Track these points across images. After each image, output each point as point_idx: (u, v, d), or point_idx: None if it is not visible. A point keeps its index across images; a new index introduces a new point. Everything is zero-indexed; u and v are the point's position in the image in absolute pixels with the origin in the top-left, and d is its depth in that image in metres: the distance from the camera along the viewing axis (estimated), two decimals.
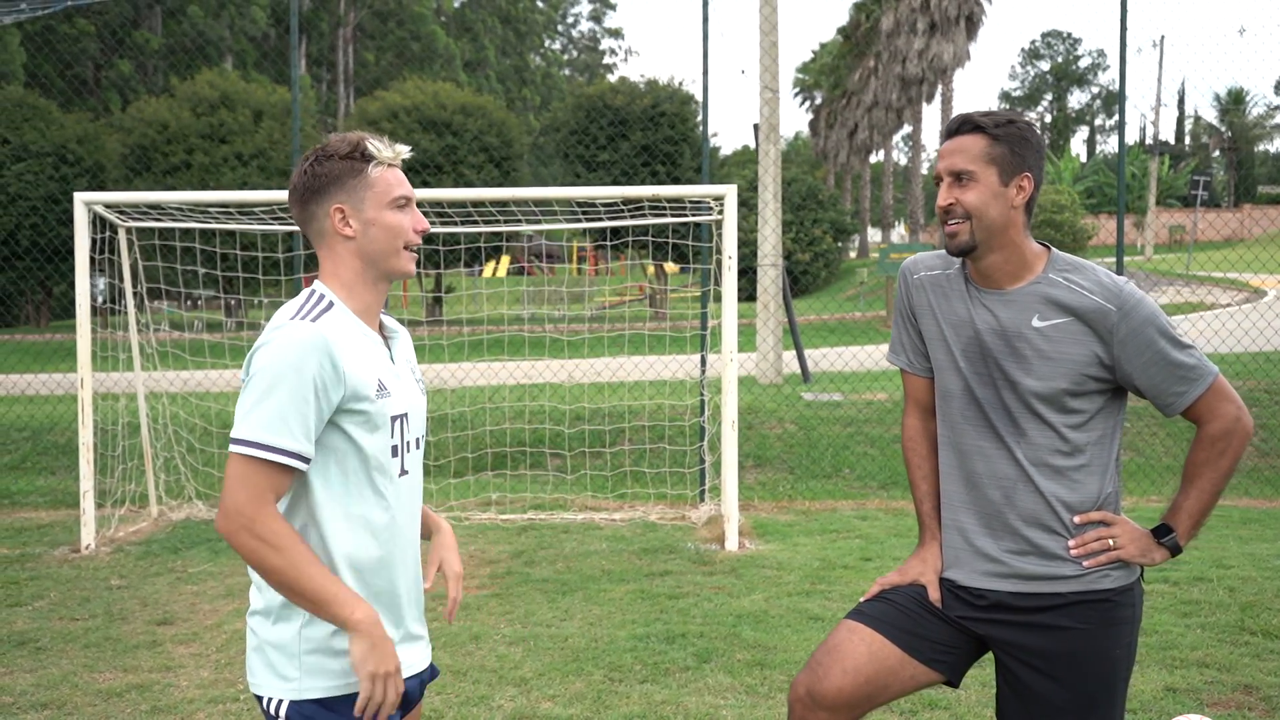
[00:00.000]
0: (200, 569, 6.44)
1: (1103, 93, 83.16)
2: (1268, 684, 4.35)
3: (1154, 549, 2.40)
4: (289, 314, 2.02)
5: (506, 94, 59.30)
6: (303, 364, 1.94)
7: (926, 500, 2.56)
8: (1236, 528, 7.31)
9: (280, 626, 2.05)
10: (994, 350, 2.37)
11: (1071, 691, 2.35)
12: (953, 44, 37.04)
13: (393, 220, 2.10)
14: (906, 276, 2.54)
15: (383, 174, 2.09)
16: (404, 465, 2.12)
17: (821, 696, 2.37)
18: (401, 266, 2.12)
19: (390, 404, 2.07)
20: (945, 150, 2.37)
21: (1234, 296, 23.31)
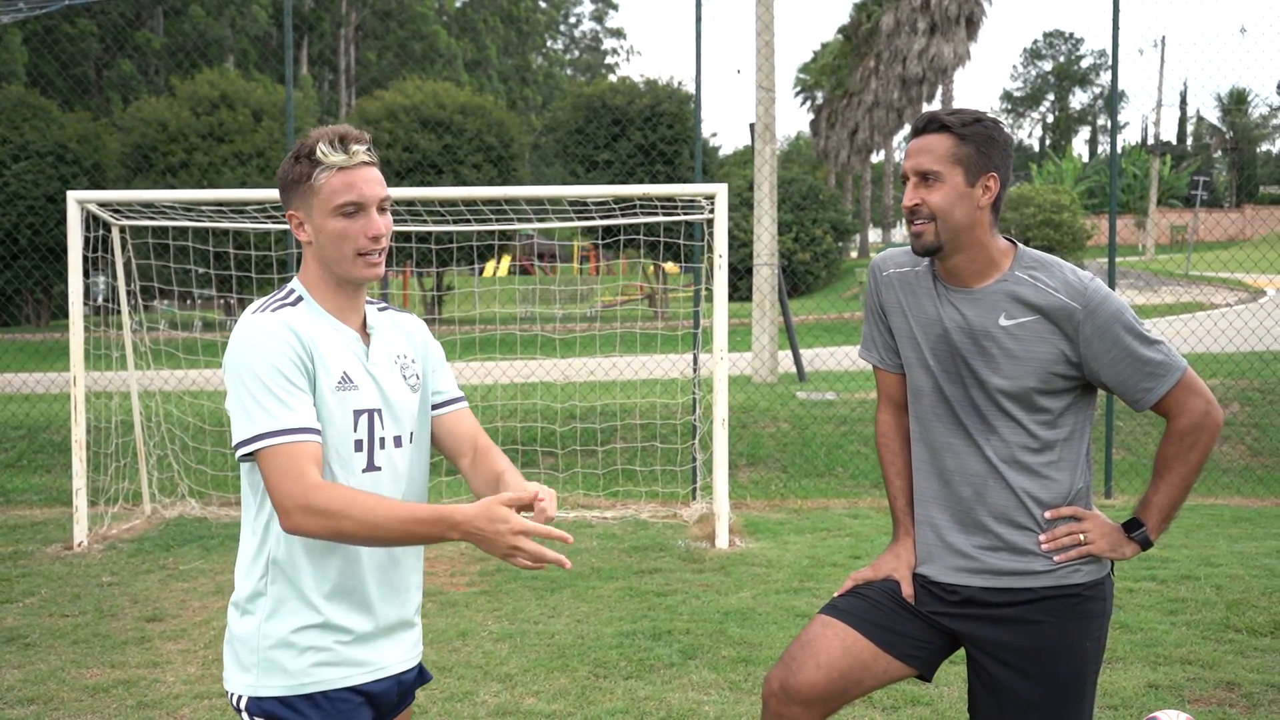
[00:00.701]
0: (191, 566, 6.47)
1: (1104, 93, 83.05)
2: (1250, 681, 4.37)
3: (1124, 543, 2.41)
4: (252, 309, 2.03)
5: (508, 94, 59.32)
6: (268, 348, 1.94)
7: (900, 496, 2.58)
8: (1227, 526, 7.32)
9: (244, 620, 2.05)
10: (962, 349, 2.38)
11: (1042, 685, 2.37)
12: (953, 44, 37.02)
13: (337, 228, 2.01)
14: (876, 274, 2.54)
15: (329, 180, 2.00)
16: (372, 461, 2.06)
17: (795, 691, 2.39)
18: (356, 273, 2.04)
19: (354, 397, 2.03)
20: (912, 149, 2.37)
21: (1233, 297, 23.29)
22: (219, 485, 8.37)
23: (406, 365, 2.17)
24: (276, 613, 2.02)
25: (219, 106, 22.20)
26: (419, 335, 2.26)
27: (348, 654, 2.05)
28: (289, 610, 2.01)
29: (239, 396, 1.95)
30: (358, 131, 2.04)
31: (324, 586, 2.02)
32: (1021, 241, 12.95)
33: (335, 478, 2.02)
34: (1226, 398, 9.84)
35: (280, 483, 1.89)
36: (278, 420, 1.91)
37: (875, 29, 40.24)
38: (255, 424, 1.92)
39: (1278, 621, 5.10)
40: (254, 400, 1.92)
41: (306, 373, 1.97)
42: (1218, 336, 11.45)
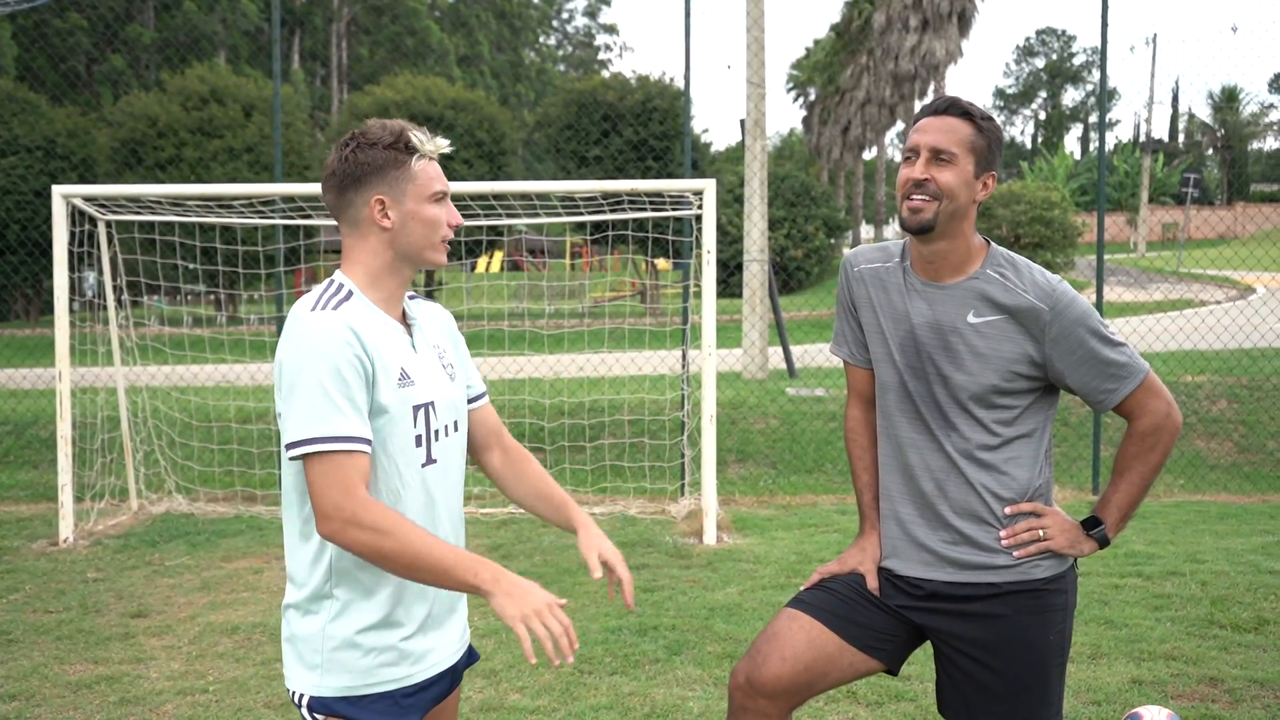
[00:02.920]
0: (178, 562, 6.45)
1: (1095, 89, 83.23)
2: (1233, 676, 4.38)
3: (1083, 540, 2.42)
4: (308, 305, 2.01)
5: (500, 89, 59.23)
6: (332, 350, 1.94)
7: (867, 491, 2.59)
8: (1213, 523, 7.34)
9: (307, 620, 2.06)
10: (928, 344, 2.39)
11: (1006, 678, 2.39)
12: (945, 41, 37.07)
13: (432, 214, 2.09)
14: (847, 269, 2.54)
15: (424, 167, 2.08)
16: (430, 454, 2.11)
17: (761, 684, 2.39)
18: (436, 258, 2.12)
19: (413, 393, 2.06)
20: (929, 126, 2.35)
21: (1223, 294, 23.36)
22: (206, 481, 8.35)
23: (442, 354, 2.21)
24: (343, 614, 2.04)
25: (209, 101, 22.14)
26: (449, 325, 2.30)
27: (409, 648, 2.08)
28: (355, 610, 2.03)
29: (296, 396, 1.94)
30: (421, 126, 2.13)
31: (389, 581, 2.05)
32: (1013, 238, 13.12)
33: (401, 475, 2.05)
34: (1215, 394, 9.87)
35: (328, 491, 1.90)
36: (333, 426, 1.92)
37: (867, 26, 40.29)
38: (311, 427, 1.92)
39: (1262, 617, 5.11)
40: (310, 403, 1.92)
41: (367, 377, 1.98)
42: (1205, 334, 11.48)
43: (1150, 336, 11.52)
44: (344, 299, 2.04)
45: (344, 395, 1.93)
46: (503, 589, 1.89)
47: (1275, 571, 5.94)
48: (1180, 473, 8.80)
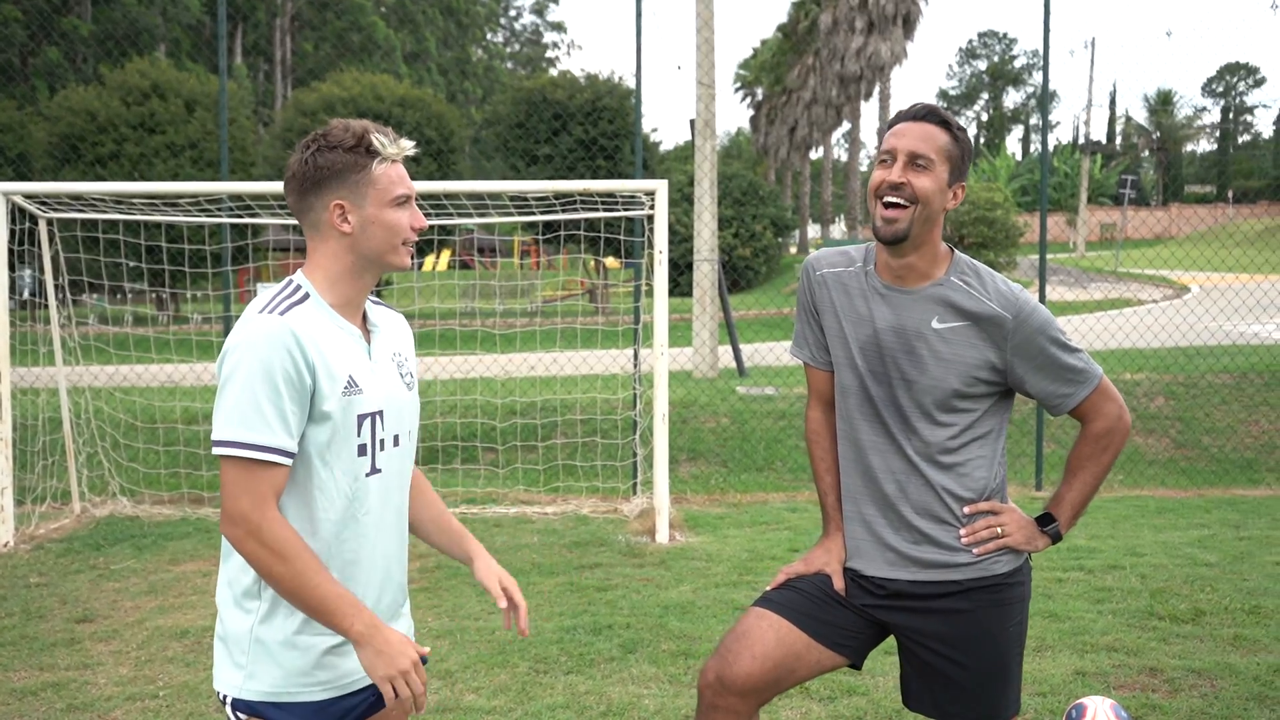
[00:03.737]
0: (123, 565, 6.35)
1: (1038, 92, 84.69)
2: (1172, 667, 4.51)
3: (1038, 536, 2.50)
4: (258, 307, 1.98)
5: (448, 87, 58.81)
6: (270, 357, 1.91)
7: (830, 493, 2.62)
8: (1152, 517, 7.53)
9: (237, 618, 2.03)
10: (890, 348, 2.43)
11: (971, 669, 2.46)
12: (890, 43, 37.49)
13: (393, 219, 2.05)
14: (810, 273, 2.57)
15: (386, 170, 2.04)
16: (375, 464, 2.07)
17: (731, 682, 2.42)
18: (399, 262, 2.09)
19: (360, 401, 2.02)
20: (906, 131, 2.37)
21: (1159, 293, 23.92)
22: (151, 483, 8.22)
23: (401, 363, 2.18)
24: (271, 615, 2.01)
25: (150, 96, 21.75)
26: (407, 333, 2.27)
27: (338, 657, 2.05)
28: (284, 613, 2.00)
29: (226, 394, 1.93)
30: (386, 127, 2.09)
31: None
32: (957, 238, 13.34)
33: (339, 485, 2.01)
34: (1152, 392, 10.12)
35: (239, 498, 1.90)
36: (257, 434, 1.90)
37: (813, 27, 40.61)
38: (234, 429, 1.90)
39: (1198, 609, 5.26)
40: (238, 405, 1.90)
41: (303, 389, 1.94)
42: (1144, 332, 11.75)
43: (1090, 335, 11.78)
44: (297, 302, 2.00)
45: (274, 405, 1.90)
46: (375, 645, 1.92)
47: (1211, 564, 6.12)
48: (1120, 468, 9.01)
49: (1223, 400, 9.94)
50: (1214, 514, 7.61)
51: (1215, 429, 9.57)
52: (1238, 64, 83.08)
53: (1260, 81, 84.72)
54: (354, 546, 2.05)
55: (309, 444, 1.97)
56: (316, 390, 1.96)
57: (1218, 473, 8.96)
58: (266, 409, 1.90)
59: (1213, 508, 7.85)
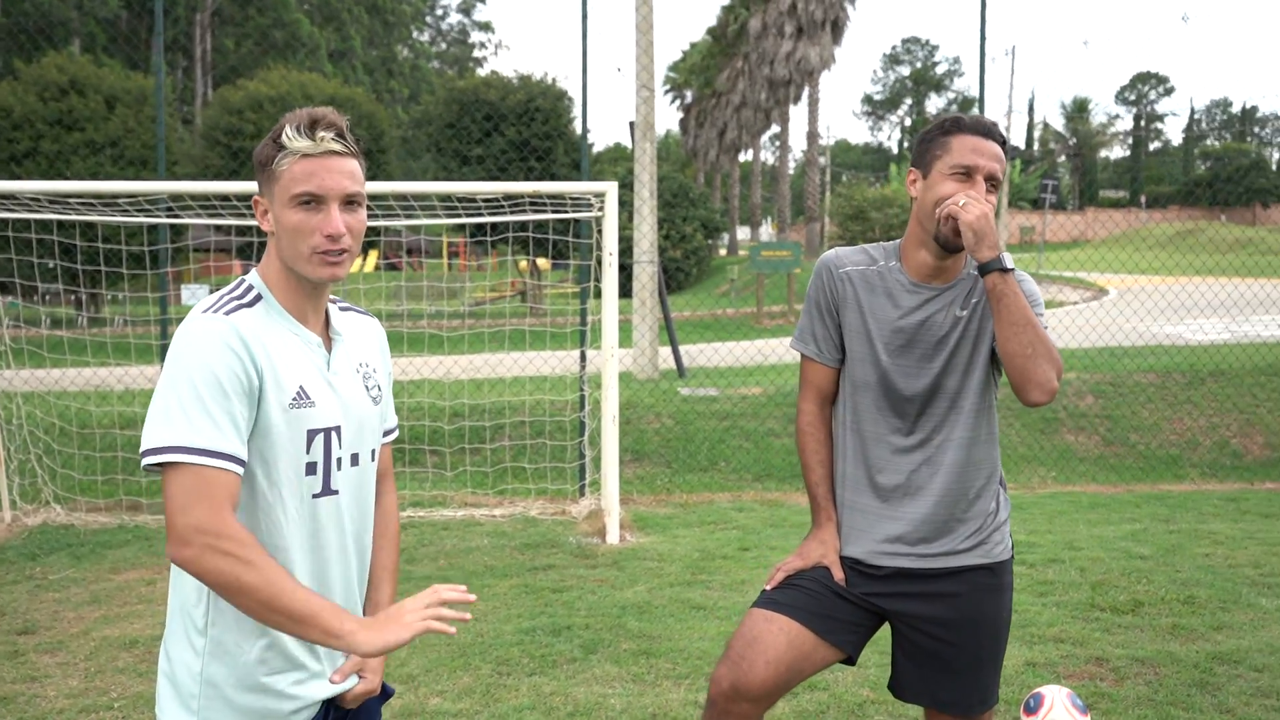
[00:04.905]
0: (62, 575, 6.18)
1: (959, 98, 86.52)
2: (1116, 656, 4.67)
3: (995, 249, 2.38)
4: (204, 306, 1.81)
5: (374, 86, 58.08)
6: (213, 357, 1.73)
7: (822, 484, 2.64)
8: (1085, 512, 7.76)
9: (183, 658, 1.84)
10: (919, 342, 2.49)
11: (968, 652, 2.53)
12: (819, 48, 38.00)
13: (293, 220, 1.82)
14: (831, 270, 2.59)
15: (291, 166, 1.81)
16: (329, 484, 1.88)
17: (747, 689, 2.43)
18: (310, 272, 1.85)
19: (310, 415, 1.83)
20: (985, 151, 2.41)
21: (1078, 295, 24.61)
22: (86, 490, 8.00)
23: (369, 375, 2.00)
24: (219, 652, 1.82)
25: (68, 92, 21.11)
26: (380, 343, 2.09)
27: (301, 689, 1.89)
28: (234, 647, 1.82)
29: (164, 398, 1.72)
30: (334, 115, 1.85)
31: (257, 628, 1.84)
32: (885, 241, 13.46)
33: (285, 506, 1.83)
34: (1081, 391, 10.43)
35: (191, 509, 1.67)
36: (202, 437, 1.69)
37: (742, 31, 40.97)
38: (174, 434, 1.69)
39: (1137, 600, 5.45)
40: (179, 407, 1.70)
41: (249, 392, 1.75)
42: (1075, 333, 12.11)
43: None
44: (246, 304, 1.83)
45: (221, 407, 1.71)
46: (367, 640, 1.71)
47: (1145, 557, 6.33)
48: (1052, 465, 9.27)
49: (1148, 399, 10.29)
50: (1144, 508, 7.87)
51: (1142, 427, 9.90)
52: (1149, 73, 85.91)
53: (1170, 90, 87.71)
54: (304, 573, 1.86)
55: (252, 458, 1.78)
56: (263, 396, 1.77)
57: (1145, 469, 9.26)
58: (213, 410, 1.70)
59: (1142, 502, 8.12)
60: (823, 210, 43.36)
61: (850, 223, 25.59)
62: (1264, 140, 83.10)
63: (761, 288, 22.59)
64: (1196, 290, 13.87)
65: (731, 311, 24.94)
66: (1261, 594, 5.57)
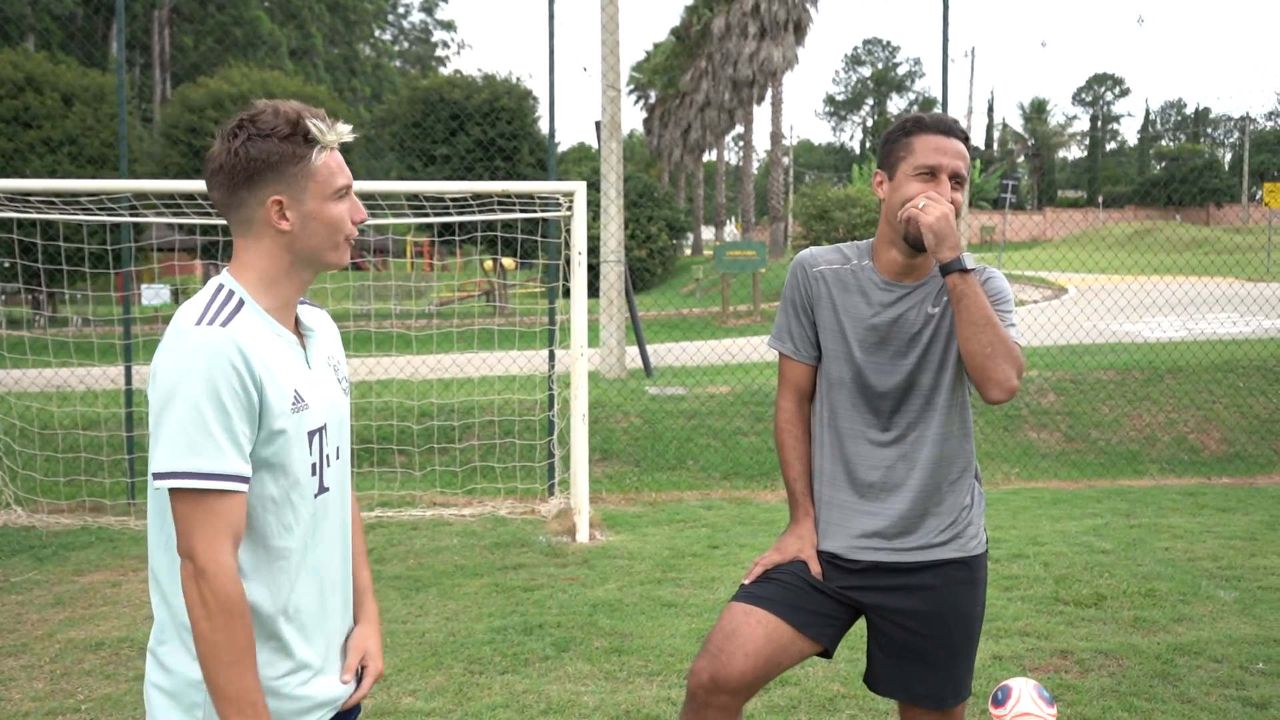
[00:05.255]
0: (24, 578, 6.10)
1: (919, 99, 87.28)
2: (1080, 649, 4.75)
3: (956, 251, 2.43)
4: (193, 317, 1.76)
5: (335, 84, 57.64)
6: (214, 373, 1.71)
7: (800, 479, 2.68)
8: (1048, 507, 7.87)
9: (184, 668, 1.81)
10: (891, 339, 2.53)
11: (943, 644, 2.57)
12: (782, 48, 38.18)
13: (335, 213, 1.86)
14: (806, 269, 2.63)
15: (325, 160, 1.84)
16: (323, 482, 1.90)
17: (726, 681, 2.46)
18: (339, 259, 1.90)
19: (307, 417, 1.85)
20: (948, 149, 2.45)
21: (1039, 294, 24.92)
22: (48, 492, 7.89)
23: (337, 367, 2.01)
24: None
25: (24, 89, 20.80)
26: (334, 333, 2.08)
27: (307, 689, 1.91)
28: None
29: (168, 418, 1.71)
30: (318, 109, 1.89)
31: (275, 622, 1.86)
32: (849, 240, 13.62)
33: (294, 509, 1.85)
34: (1043, 388, 10.57)
35: (194, 534, 1.71)
36: (209, 461, 1.70)
37: (706, 31, 41.07)
38: (182, 458, 1.70)
39: (1100, 594, 5.55)
40: (184, 430, 1.70)
41: (249, 407, 1.75)
42: (1037, 331, 12.27)
43: None
44: (234, 310, 1.79)
45: (223, 426, 1.71)
46: None
47: (1107, 551, 6.44)
48: (1015, 462, 9.40)
49: (1108, 396, 10.45)
50: (1105, 504, 8.00)
51: (1102, 423, 10.06)
52: (1105, 75, 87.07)
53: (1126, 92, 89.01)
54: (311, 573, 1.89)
55: (262, 466, 1.79)
56: (265, 407, 1.77)
57: (1105, 464, 9.41)
58: (216, 431, 1.70)
59: (1103, 498, 8.25)
60: (787, 210, 43.60)
61: (814, 222, 25.75)
62: (1217, 141, 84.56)
63: (727, 287, 22.67)
64: (1153, 289, 14.09)
65: (697, 311, 25.02)
66: (1220, 586, 5.69)
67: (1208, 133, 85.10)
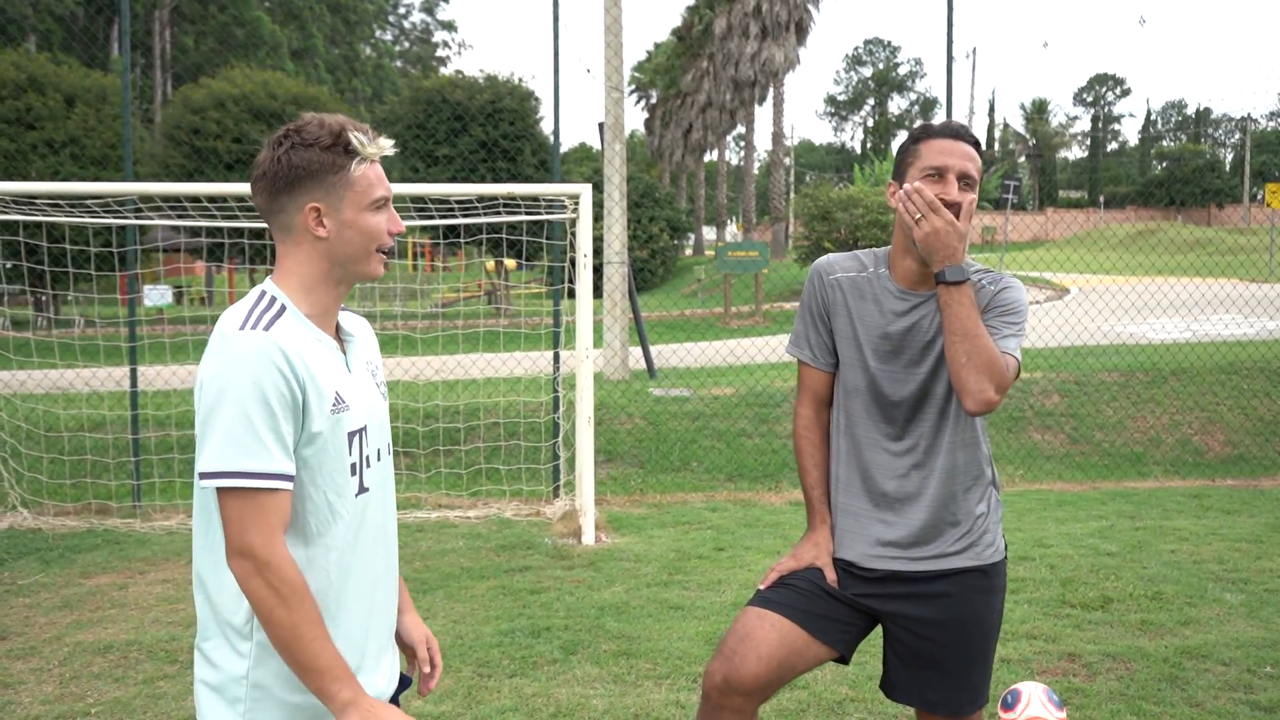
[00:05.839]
0: (31, 580, 6.10)
1: (920, 99, 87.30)
2: (1088, 652, 4.75)
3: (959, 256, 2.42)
4: (236, 322, 1.83)
5: (336, 84, 57.66)
6: (260, 375, 1.78)
7: (817, 486, 2.69)
8: (1053, 510, 7.87)
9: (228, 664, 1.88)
10: (905, 348, 2.53)
11: (958, 653, 2.57)
12: (784, 49, 38.18)
13: (371, 223, 1.93)
14: (822, 276, 2.63)
15: (365, 172, 1.91)
16: (363, 482, 1.96)
17: (739, 683, 2.47)
18: (372, 270, 1.96)
19: (348, 418, 1.91)
20: (955, 150, 2.45)
21: (1042, 295, 24.92)
22: (54, 494, 7.90)
23: (375, 371, 2.08)
24: (267, 651, 1.87)
25: (26, 90, 20.79)
26: (372, 337, 2.15)
27: None
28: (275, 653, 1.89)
29: (216, 420, 1.79)
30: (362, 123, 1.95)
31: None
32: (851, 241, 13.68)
33: (332, 508, 1.91)
34: (1047, 390, 10.57)
35: (246, 531, 1.77)
36: (256, 461, 1.77)
37: (707, 31, 41.07)
38: (230, 458, 1.77)
39: (1106, 596, 5.55)
40: (230, 431, 1.77)
41: (296, 407, 1.82)
42: (1042, 333, 12.26)
43: None
44: (276, 315, 1.86)
45: (269, 427, 1.78)
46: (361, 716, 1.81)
47: (1113, 554, 6.44)
48: (1020, 463, 9.40)
49: (1112, 397, 10.45)
50: (1110, 505, 8.00)
51: (1106, 425, 10.06)
52: (1106, 75, 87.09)
53: (1127, 92, 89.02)
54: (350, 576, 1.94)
55: (302, 466, 1.86)
56: (307, 408, 1.84)
57: (1110, 466, 9.41)
58: (263, 433, 1.78)
59: (1108, 500, 8.25)
60: (788, 211, 43.59)
61: (816, 223, 25.75)
62: (1218, 141, 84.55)
63: (729, 288, 22.67)
64: (1156, 290, 14.10)
65: (700, 312, 25.02)
66: (1226, 589, 5.69)
67: (1209, 133, 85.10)
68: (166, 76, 50.17)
